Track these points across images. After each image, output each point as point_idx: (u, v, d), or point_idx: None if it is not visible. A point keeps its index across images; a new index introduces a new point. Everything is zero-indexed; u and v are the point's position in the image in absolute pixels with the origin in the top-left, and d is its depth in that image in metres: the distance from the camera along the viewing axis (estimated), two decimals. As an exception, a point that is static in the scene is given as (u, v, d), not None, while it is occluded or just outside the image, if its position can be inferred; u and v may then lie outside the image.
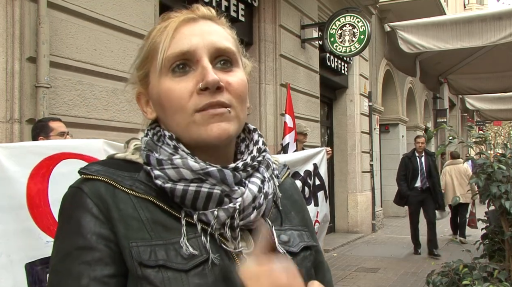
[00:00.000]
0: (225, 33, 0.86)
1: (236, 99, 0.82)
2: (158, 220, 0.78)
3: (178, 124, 0.81)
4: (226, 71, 0.83)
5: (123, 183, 0.79)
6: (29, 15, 3.49)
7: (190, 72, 0.81)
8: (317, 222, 3.85)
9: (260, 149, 0.88)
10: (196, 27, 0.83)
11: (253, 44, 6.83)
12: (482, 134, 3.93)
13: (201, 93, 0.79)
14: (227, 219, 0.79)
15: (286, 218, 0.92)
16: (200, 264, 0.76)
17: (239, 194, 0.79)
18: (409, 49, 4.87)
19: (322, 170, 4.02)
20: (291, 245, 0.87)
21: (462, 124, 21.47)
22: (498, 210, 3.48)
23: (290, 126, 5.43)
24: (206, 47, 0.81)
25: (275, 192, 0.89)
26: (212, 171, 0.78)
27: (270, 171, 0.88)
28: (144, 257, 0.75)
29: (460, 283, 3.28)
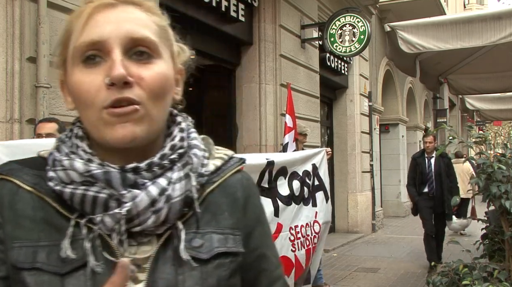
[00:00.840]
0: (146, 20, 0.77)
1: (149, 96, 0.74)
2: (51, 220, 0.75)
3: (87, 119, 0.76)
4: (142, 64, 0.75)
5: (28, 182, 0.77)
6: (29, 15, 3.49)
7: (101, 64, 0.74)
8: (316, 222, 3.84)
9: (175, 146, 0.80)
10: (113, 14, 0.75)
11: (253, 44, 6.82)
12: (482, 134, 3.93)
13: (110, 88, 0.72)
14: (115, 225, 0.73)
15: (213, 219, 0.82)
16: (79, 268, 0.72)
17: (129, 198, 0.73)
18: (409, 49, 4.87)
19: (322, 170, 4.02)
20: (202, 250, 0.78)
21: (462, 124, 21.47)
22: (498, 210, 3.48)
23: (289, 125, 5.42)
24: (119, 36, 0.73)
25: (190, 192, 0.79)
26: (96, 174, 0.73)
27: (188, 169, 0.79)
28: (22, 259, 0.72)
29: (460, 283, 3.28)
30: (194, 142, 0.84)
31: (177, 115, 0.86)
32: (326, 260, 7.29)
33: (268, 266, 0.91)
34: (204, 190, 0.83)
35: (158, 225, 0.76)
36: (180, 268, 0.76)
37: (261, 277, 0.89)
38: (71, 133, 0.81)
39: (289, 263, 3.46)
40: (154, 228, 0.76)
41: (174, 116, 0.86)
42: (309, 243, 3.71)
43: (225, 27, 6.24)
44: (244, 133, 6.76)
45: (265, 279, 0.90)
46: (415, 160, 7.11)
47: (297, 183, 3.63)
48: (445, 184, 6.73)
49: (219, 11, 5.97)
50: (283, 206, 3.43)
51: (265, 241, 0.92)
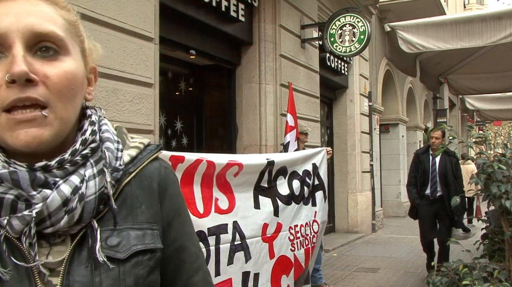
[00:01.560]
0: (52, 14, 0.72)
1: (56, 96, 0.69)
2: None
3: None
4: (47, 60, 0.69)
5: None
6: (29, 15, 3.49)
7: (2, 59, 0.67)
8: (315, 222, 3.84)
9: (86, 140, 0.75)
10: (13, 6, 0.69)
11: (253, 44, 6.82)
12: (482, 134, 3.93)
13: (10, 86, 0.66)
14: (25, 228, 0.67)
15: (129, 214, 0.78)
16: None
17: (40, 199, 0.68)
18: (409, 49, 4.87)
19: (322, 170, 4.02)
20: (119, 249, 0.74)
21: (462, 124, 21.47)
22: (498, 210, 3.48)
23: (291, 125, 5.43)
24: (21, 30, 0.67)
25: (105, 189, 0.74)
26: (2, 174, 0.67)
27: (101, 164, 0.74)
28: None
29: (460, 283, 3.28)
30: (106, 135, 0.80)
31: (87, 107, 0.81)
32: (326, 260, 7.29)
33: (188, 258, 0.88)
34: (120, 184, 0.79)
35: (71, 225, 0.71)
36: (96, 270, 0.72)
37: (181, 269, 0.87)
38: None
39: (289, 263, 3.46)
40: (67, 228, 0.71)
41: (84, 109, 0.81)
42: (308, 243, 3.71)
43: (225, 27, 6.24)
44: (244, 133, 6.76)
45: (185, 271, 0.87)
46: (418, 157, 6.26)
47: (297, 182, 3.63)
48: (451, 187, 5.81)
49: (219, 11, 5.97)
50: (283, 205, 3.43)
51: (185, 232, 0.89)
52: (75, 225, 0.72)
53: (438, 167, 6.00)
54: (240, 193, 3.04)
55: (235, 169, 2.97)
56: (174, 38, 5.32)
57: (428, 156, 6.14)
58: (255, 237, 3.09)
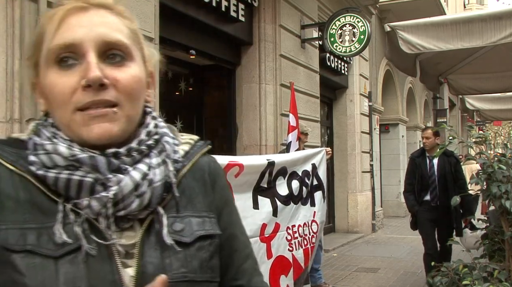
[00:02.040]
0: (118, 24, 0.79)
1: (125, 97, 0.77)
2: (37, 202, 0.75)
3: (60, 120, 0.77)
4: (116, 66, 0.77)
5: (7, 158, 0.76)
6: (29, 15, 3.49)
7: (76, 66, 0.75)
8: (314, 222, 3.85)
9: (150, 132, 0.83)
10: (85, 17, 0.76)
11: (253, 44, 6.82)
12: (482, 134, 3.93)
13: (85, 89, 0.74)
14: (101, 209, 0.74)
15: (189, 203, 0.85)
16: (72, 251, 0.72)
17: (115, 182, 0.75)
18: (409, 49, 4.87)
19: (321, 170, 4.02)
20: (184, 234, 0.81)
21: (462, 124, 21.47)
22: (498, 210, 3.48)
23: (292, 125, 5.43)
24: (93, 39, 0.75)
25: (168, 178, 0.81)
26: (82, 158, 0.74)
27: (164, 155, 0.82)
28: (11, 241, 0.71)
29: (460, 283, 3.28)
30: (164, 130, 0.87)
31: (146, 105, 0.87)
32: (326, 260, 7.29)
33: (238, 246, 0.94)
34: (178, 175, 0.85)
35: (141, 209, 0.77)
36: (165, 252, 0.78)
37: (233, 257, 0.92)
38: (47, 123, 0.81)
39: (287, 263, 3.46)
40: (137, 212, 0.77)
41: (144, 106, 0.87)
42: (307, 243, 3.71)
43: (225, 27, 6.24)
44: (244, 133, 6.76)
45: (236, 259, 0.93)
46: (413, 161, 5.74)
47: (296, 183, 3.63)
48: (451, 191, 5.21)
49: (219, 11, 5.97)
50: (281, 206, 3.43)
51: (234, 221, 0.95)
52: (144, 210, 0.78)
53: (436, 171, 5.49)
54: (240, 193, 3.05)
55: (235, 169, 2.98)
56: (174, 38, 5.32)
57: (424, 159, 5.60)
58: (253, 237, 3.09)
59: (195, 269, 0.81)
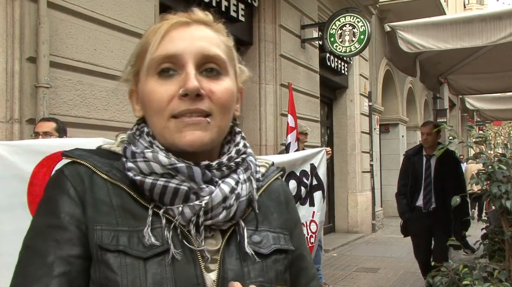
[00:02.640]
0: (217, 40, 0.86)
1: (218, 109, 0.81)
2: (128, 207, 0.80)
3: (155, 126, 0.82)
4: (212, 79, 0.82)
5: (101, 168, 0.81)
6: (29, 15, 3.49)
7: (175, 76, 0.80)
8: (313, 222, 3.84)
9: (239, 151, 0.88)
10: (187, 31, 0.83)
11: (253, 44, 6.83)
12: (482, 134, 3.93)
13: (182, 98, 0.79)
14: (192, 217, 0.79)
15: (265, 219, 0.91)
16: (160, 254, 0.77)
17: (207, 193, 0.79)
18: (409, 49, 4.86)
19: (321, 170, 4.02)
20: (262, 246, 0.86)
21: (462, 124, 21.47)
22: (498, 210, 3.48)
23: (291, 125, 5.43)
24: (193, 52, 0.81)
25: (251, 194, 0.87)
26: (181, 167, 0.78)
27: (249, 173, 0.87)
28: (106, 241, 0.76)
29: (460, 283, 3.28)
30: (249, 150, 0.93)
31: (234, 125, 0.94)
32: (326, 260, 7.29)
33: (307, 265, 0.99)
34: (257, 193, 0.91)
35: (226, 221, 0.82)
36: (245, 261, 0.83)
37: (301, 275, 0.97)
38: (140, 132, 0.86)
39: None
40: (222, 223, 0.82)
41: (232, 126, 0.93)
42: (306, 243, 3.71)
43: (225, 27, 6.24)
44: (244, 133, 6.75)
45: (304, 277, 0.98)
46: (408, 159, 5.15)
47: (293, 182, 3.63)
48: (449, 195, 3.94)
49: (219, 11, 5.97)
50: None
51: (303, 242, 1.01)
52: (227, 222, 0.83)
53: (433, 172, 4.81)
54: None
55: None
56: (174, 38, 5.32)
57: (421, 158, 4.93)
58: None
59: (271, 280, 0.85)
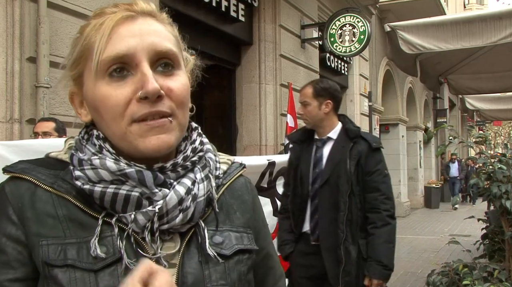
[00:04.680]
0: (165, 32, 0.80)
1: (178, 106, 0.77)
2: (76, 218, 0.76)
3: (113, 132, 0.76)
4: (167, 75, 0.77)
5: (45, 181, 0.77)
6: (29, 15, 3.49)
7: (128, 77, 0.75)
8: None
9: (196, 149, 0.84)
10: (135, 26, 0.76)
11: (253, 44, 6.82)
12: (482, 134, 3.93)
13: (141, 101, 0.74)
14: (147, 223, 0.75)
15: (226, 218, 0.87)
16: (111, 264, 0.74)
17: (161, 197, 0.75)
18: (409, 49, 4.87)
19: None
20: (224, 247, 0.83)
21: (462, 124, 21.46)
22: (498, 210, 3.48)
23: (291, 125, 5.43)
24: (145, 49, 0.75)
25: (210, 193, 0.83)
26: (130, 173, 0.74)
27: (207, 171, 0.83)
28: (52, 256, 0.73)
29: (460, 283, 3.28)
30: (208, 146, 0.89)
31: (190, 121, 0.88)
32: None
33: (274, 265, 0.98)
34: (218, 191, 0.88)
35: (184, 223, 0.78)
36: (206, 264, 0.80)
37: (269, 275, 0.96)
38: (88, 136, 0.81)
39: (287, 263, 3.46)
40: (180, 226, 0.78)
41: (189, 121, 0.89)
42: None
43: (225, 27, 6.24)
44: (244, 133, 6.76)
45: (272, 277, 0.97)
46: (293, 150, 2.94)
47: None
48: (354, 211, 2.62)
49: (219, 11, 5.97)
50: (282, 206, 3.41)
51: (269, 241, 0.98)
52: (186, 224, 0.79)
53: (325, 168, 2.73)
54: None
55: None
56: (174, 38, 5.31)
57: (310, 146, 2.84)
58: None
59: (234, 282, 0.82)
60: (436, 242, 8.94)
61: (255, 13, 6.87)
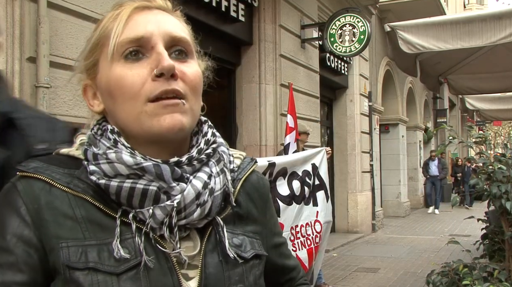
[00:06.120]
0: (180, 25, 0.83)
1: (191, 91, 0.78)
2: (94, 219, 0.74)
3: (128, 114, 0.76)
4: (181, 61, 0.79)
5: (61, 181, 0.75)
6: (29, 15, 3.49)
7: (143, 59, 0.76)
8: (318, 221, 3.84)
9: (209, 141, 0.83)
10: (151, 15, 0.79)
11: (253, 44, 6.82)
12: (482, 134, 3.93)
13: (156, 79, 0.74)
14: (165, 218, 0.73)
15: (240, 219, 0.86)
16: (134, 267, 0.72)
17: (179, 191, 0.74)
18: (409, 49, 4.87)
19: (322, 170, 4.02)
20: (243, 250, 0.82)
21: (462, 124, 21.47)
22: (498, 210, 3.48)
23: (291, 126, 5.43)
24: (161, 34, 0.77)
25: (226, 187, 0.82)
26: (147, 166, 0.73)
27: (222, 164, 0.82)
28: (73, 259, 0.71)
29: (460, 283, 3.28)
30: (220, 140, 0.88)
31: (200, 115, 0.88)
32: (326, 260, 7.28)
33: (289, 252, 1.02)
34: (234, 186, 0.86)
35: (201, 218, 0.77)
36: (226, 265, 0.79)
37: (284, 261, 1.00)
38: (102, 131, 0.80)
39: None
40: (197, 221, 0.77)
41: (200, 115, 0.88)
42: (310, 243, 3.71)
43: (225, 27, 6.24)
44: (244, 133, 6.76)
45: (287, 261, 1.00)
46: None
47: (297, 183, 3.63)
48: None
49: (219, 11, 5.97)
50: (284, 206, 3.43)
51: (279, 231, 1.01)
52: (203, 219, 0.78)
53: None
54: None
55: None
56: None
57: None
58: None
59: (251, 285, 0.82)
60: (436, 242, 8.94)
61: (255, 13, 6.87)
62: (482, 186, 3.42)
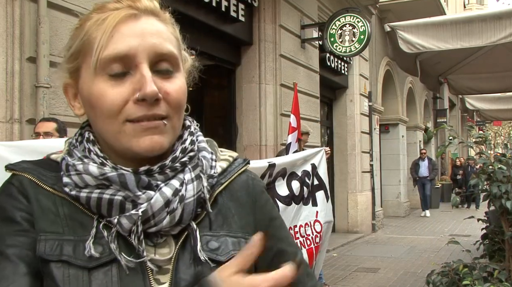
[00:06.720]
0: (167, 33, 0.79)
1: (174, 110, 0.77)
2: (76, 217, 0.77)
3: (107, 130, 0.76)
4: (165, 78, 0.77)
5: (47, 182, 0.79)
6: (29, 15, 3.49)
7: (127, 77, 0.75)
8: (317, 221, 3.84)
9: (186, 149, 0.81)
10: (137, 26, 0.75)
11: (253, 44, 6.82)
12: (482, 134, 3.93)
13: (138, 103, 0.73)
14: (132, 227, 0.74)
15: (224, 222, 0.84)
16: (106, 264, 0.74)
17: (145, 199, 0.74)
18: (409, 49, 4.87)
19: (322, 170, 4.02)
20: (220, 253, 0.80)
21: (462, 124, 21.47)
22: (498, 210, 3.48)
23: (293, 126, 5.42)
24: (146, 50, 0.75)
25: (202, 193, 0.80)
26: (112, 176, 0.74)
27: (198, 171, 0.81)
28: (48, 251, 0.73)
29: (460, 283, 3.28)
30: (202, 145, 0.87)
31: (185, 118, 0.87)
32: (326, 260, 7.28)
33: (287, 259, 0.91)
34: (214, 191, 0.85)
35: (173, 225, 0.77)
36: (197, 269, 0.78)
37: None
38: (82, 137, 0.82)
39: None
40: (169, 228, 0.77)
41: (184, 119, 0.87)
42: (310, 243, 3.71)
43: (225, 27, 6.24)
44: (244, 133, 6.76)
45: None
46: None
47: (296, 183, 3.63)
48: None
49: (219, 11, 5.97)
50: (283, 206, 3.42)
51: (280, 237, 0.93)
52: (176, 226, 0.78)
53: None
54: None
55: None
56: (174, 38, 5.31)
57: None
58: None
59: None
60: (436, 242, 8.94)
61: (255, 13, 6.87)
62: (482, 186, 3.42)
